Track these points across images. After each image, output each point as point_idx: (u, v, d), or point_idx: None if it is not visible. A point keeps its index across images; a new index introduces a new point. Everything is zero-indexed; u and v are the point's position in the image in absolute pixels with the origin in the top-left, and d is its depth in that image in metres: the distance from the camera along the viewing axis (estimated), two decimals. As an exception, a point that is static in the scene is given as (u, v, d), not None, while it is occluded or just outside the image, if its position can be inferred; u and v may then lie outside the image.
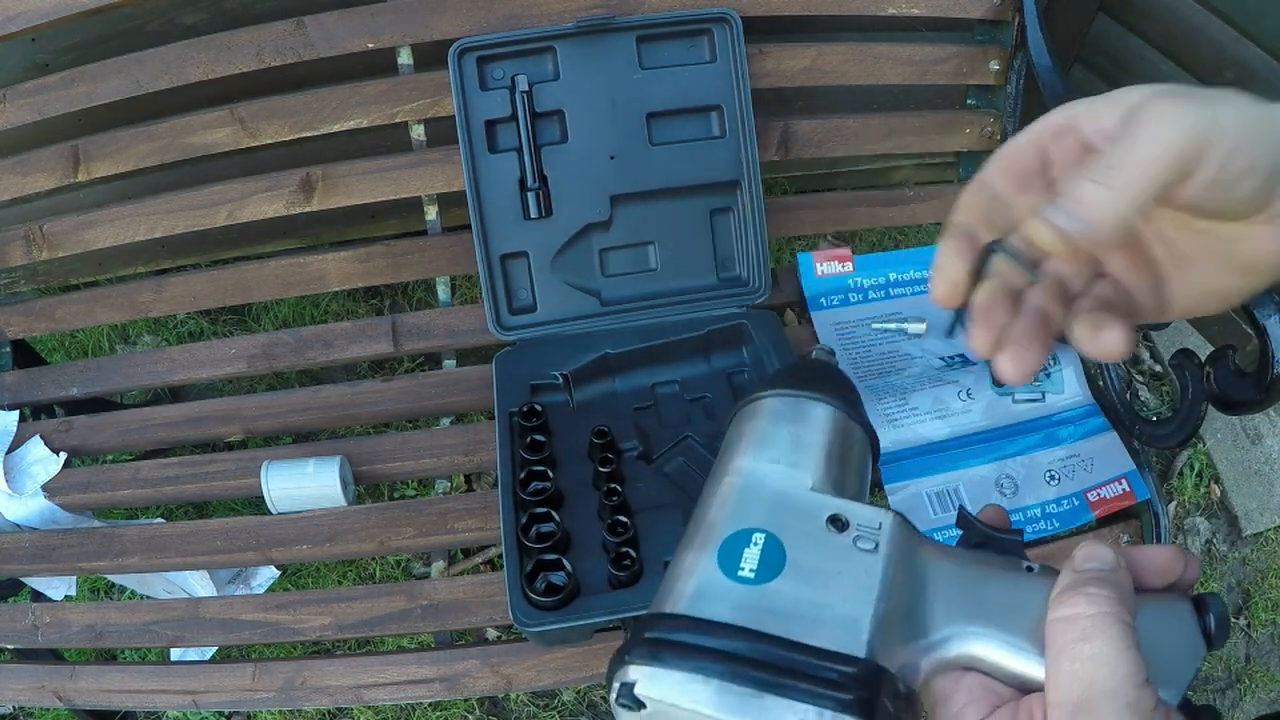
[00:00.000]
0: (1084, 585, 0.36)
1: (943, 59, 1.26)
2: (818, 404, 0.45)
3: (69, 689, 1.05)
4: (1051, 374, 1.14)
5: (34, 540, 1.14)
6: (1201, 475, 1.66)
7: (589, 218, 1.17)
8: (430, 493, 1.51)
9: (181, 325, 1.84)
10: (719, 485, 0.43)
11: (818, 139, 1.27)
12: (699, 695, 0.35)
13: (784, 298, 1.28)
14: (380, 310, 1.82)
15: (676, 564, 0.40)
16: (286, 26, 1.17)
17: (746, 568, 0.39)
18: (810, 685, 0.34)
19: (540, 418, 1.07)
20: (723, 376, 1.16)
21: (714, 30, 1.15)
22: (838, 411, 0.45)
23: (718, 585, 0.38)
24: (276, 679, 1.04)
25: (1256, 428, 1.59)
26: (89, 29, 1.39)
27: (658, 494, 1.02)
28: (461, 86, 1.12)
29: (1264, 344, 0.87)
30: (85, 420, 1.25)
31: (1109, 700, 0.33)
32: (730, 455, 0.45)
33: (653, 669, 0.36)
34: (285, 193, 1.22)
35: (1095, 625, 0.34)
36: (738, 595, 0.38)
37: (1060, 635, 0.35)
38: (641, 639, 0.37)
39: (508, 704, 1.50)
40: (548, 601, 0.90)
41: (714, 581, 0.38)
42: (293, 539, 1.10)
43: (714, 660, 0.35)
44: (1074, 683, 0.34)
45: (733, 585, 0.38)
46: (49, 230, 1.25)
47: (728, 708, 0.34)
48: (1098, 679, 0.33)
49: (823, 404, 0.45)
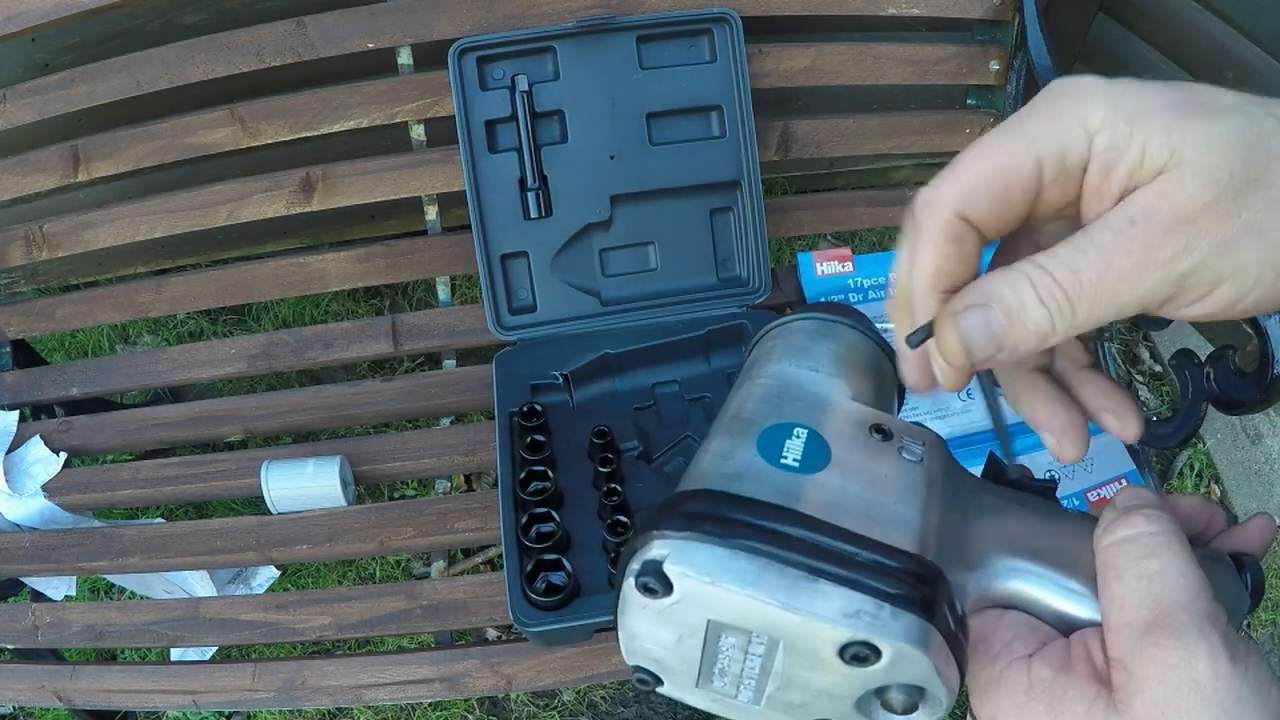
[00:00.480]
0: (1139, 509, 0.34)
1: (943, 59, 1.26)
2: (852, 330, 0.42)
3: (69, 689, 1.05)
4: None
5: (34, 540, 1.14)
6: (1201, 475, 1.66)
7: (589, 218, 1.17)
8: (430, 493, 1.51)
9: (181, 325, 1.84)
10: (752, 387, 0.39)
11: (818, 139, 1.27)
12: (743, 574, 0.30)
13: (784, 298, 1.28)
14: (380, 310, 1.82)
15: (704, 451, 0.35)
16: (286, 26, 1.17)
17: (790, 457, 0.34)
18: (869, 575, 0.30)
19: (540, 418, 1.07)
20: (723, 376, 1.16)
21: (714, 30, 1.15)
22: (870, 340, 0.42)
23: (759, 469, 0.33)
24: (276, 679, 1.04)
25: (1256, 428, 1.59)
26: (89, 29, 1.39)
27: (658, 494, 1.02)
28: (461, 86, 1.12)
29: (1264, 344, 0.87)
30: (85, 420, 1.25)
31: (1184, 613, 0.31)
32: (762, 364, 0.40)
33: (687, 542, 0.31)
34: (285, 193, 1.22)
35: (1159, 541, 0.33)
36: (781, 481, 0.33)
37: (1121, 555, 0.33)
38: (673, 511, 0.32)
39: (508, 704, 1.50)
40: (548, 601, 0.90)
41: (754, 465, 0.33)
42: (293, 539, 1.10)
43: (760, 539, 0.31)
44: (1143, 600, 0.31)
45: (776, 471, 0.33)
46: (49, 230, 1.25)
47: (776, 589, 0.30)
48: (1169, 593, 0.31)
49: (857, 330, 0.42)
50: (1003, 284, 0.32)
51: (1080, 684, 0.32)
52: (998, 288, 0.32)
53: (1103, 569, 0.34)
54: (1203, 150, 0.29)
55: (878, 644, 0.30)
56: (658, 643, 0.33)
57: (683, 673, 0.33)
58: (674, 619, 0.31)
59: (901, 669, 0.30)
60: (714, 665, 0.32)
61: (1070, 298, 0.31)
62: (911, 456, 0.36)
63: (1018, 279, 0.32)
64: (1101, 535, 0.34)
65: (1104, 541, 0.34)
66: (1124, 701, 0.31)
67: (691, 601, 0.31)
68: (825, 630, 0.30)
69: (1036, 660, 0.33)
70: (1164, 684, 0.30)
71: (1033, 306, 0.31)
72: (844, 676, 0.31)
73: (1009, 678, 0.33)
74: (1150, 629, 0.31)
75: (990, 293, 0.32)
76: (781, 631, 0.31)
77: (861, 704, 0.32)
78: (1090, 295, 0.31)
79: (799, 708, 0.33)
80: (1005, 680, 0.33)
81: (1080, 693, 0.32)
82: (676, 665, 0.33)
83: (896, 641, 0.30)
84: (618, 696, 1.50)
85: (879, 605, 0.30)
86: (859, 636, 0.30)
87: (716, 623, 0.31)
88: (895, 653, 0.30)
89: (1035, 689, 0.32)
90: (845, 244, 1.75)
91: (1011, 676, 0.33)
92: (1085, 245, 0.31)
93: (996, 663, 0.34)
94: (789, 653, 0.31)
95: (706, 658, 0.32)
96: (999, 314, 0.32)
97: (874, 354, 0.42)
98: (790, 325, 0.43)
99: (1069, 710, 0.32)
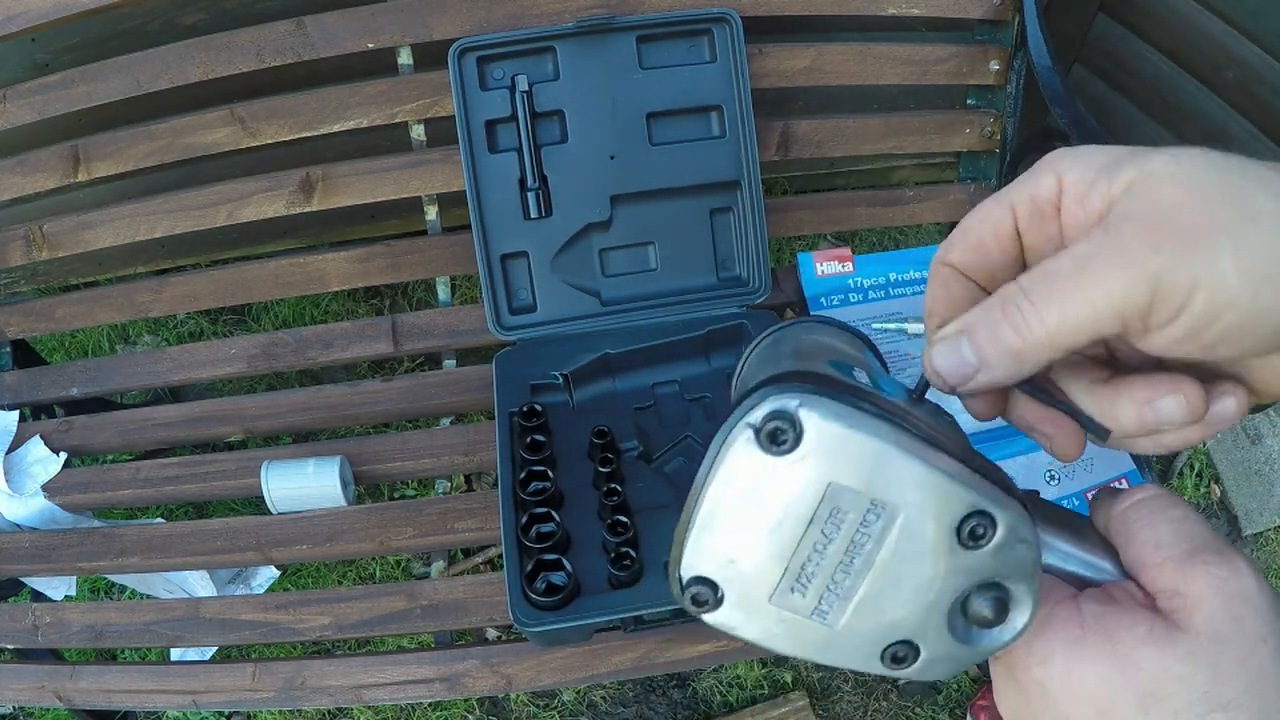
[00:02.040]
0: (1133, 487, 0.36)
1: (943, 59, 1.26)
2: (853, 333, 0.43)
3: (69, 689, 1.05)
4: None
5: (34, 540, 1.14)
6: (1201, 475, 1.66)
7: (589, 218, 1.17)
8: (430, 493, 1.51)
9: (181, 325, 1.84)
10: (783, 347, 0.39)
11: (818, 139, 1.27)
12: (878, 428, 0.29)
13: (784, 298, 1.28)
14: (380, 310, 1.82)
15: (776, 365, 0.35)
16: (286, 26, 1.17)
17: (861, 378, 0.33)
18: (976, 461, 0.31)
19: (540, 418, 1.07)
20: (723, 376, 1.16)
21: (714, 30, 1.15)
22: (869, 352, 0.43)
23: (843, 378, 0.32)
24: (276, 679, 1.04)
25: (1256, 428, 1.59)
26: (89, 29, 1.39)
27: (658, 494, 1.02)
28: (461, 86, 1.12)
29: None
30: (85, 420, 1.25)
31: (1218, 540, 0.33)
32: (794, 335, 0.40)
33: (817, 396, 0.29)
34: (285, 193, 1.22)
35: (1173, 498, 0.35)
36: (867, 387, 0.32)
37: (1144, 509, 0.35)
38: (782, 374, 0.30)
39: (508, 704, 1.50)
40: (548, 601, 0.90)
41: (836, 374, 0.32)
42: (293, 539, 1.10)
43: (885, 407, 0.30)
44: (1178, 536, 0.33)
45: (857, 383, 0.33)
46: (49, 230, 1.25)
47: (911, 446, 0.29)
48: (1200, 529, 0.33)
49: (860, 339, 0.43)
50: (975, 310, 0.33)
51: (1134, 612, 0.33)
52: (970, 315, 0.33)
53: (1127, 525, 0.35)
54: (1170, 161, 0.30)
55: (996, 515, 0.30)
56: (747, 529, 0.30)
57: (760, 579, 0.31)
58: (787, 484, 0.29)
59: (1006, 555, 0.30)
60: (805, 561, 0.30)
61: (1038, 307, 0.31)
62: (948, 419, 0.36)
63: (989, 303, 0.32)
64: (1114, 504, 0.36)
65: (1121, 506, 0.35)
66: (1184, 619, 0.32)
67: (820, 455, 0.29)
68: (957, 493, 0.30)
69: (1083, 598, 0.34)
70: (1220, 594, 0.31)
71: (1000, 325, 0.32)
72: (950, 562, 0.30)
73: (1059, 615, 0.33)
74: (1195, 553, 0.33)
75: (965, 322, 0.33)
76: (909, 496, 0.29)
77: (951, 615, 0.32)
78: (1059, 299, 0.30)
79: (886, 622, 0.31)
80: (1055, 618, 0.33)
81: (1135, 619, 0.32)
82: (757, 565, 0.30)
83: (1012, 514, 0.30)
84: (618, 696, 1.50)
85: (992, 484, 0.30)
86: (983, 504, 0.30)
87: (838, 488, 0.29)
88: (1009, 528, 0.30)
89: (1088, 622, 0.33)
90: (845, 244, 1.75)
91: (1061, 613, 0.33)
92: (1060, 254, 0.31)
93: (1044, 605, 0.33)
94: (904, 531, 0.30)
95: (802, 547, 0.30)
96: (967, 345, 0.32)
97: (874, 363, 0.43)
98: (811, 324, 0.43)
99: (1127, 636, 0.32)
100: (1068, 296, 0.30)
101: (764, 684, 1.50)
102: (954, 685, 1.49)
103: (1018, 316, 0.31)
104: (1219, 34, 1.34)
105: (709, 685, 1.51)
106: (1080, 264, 0.30)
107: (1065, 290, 0.30)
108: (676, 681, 1.52)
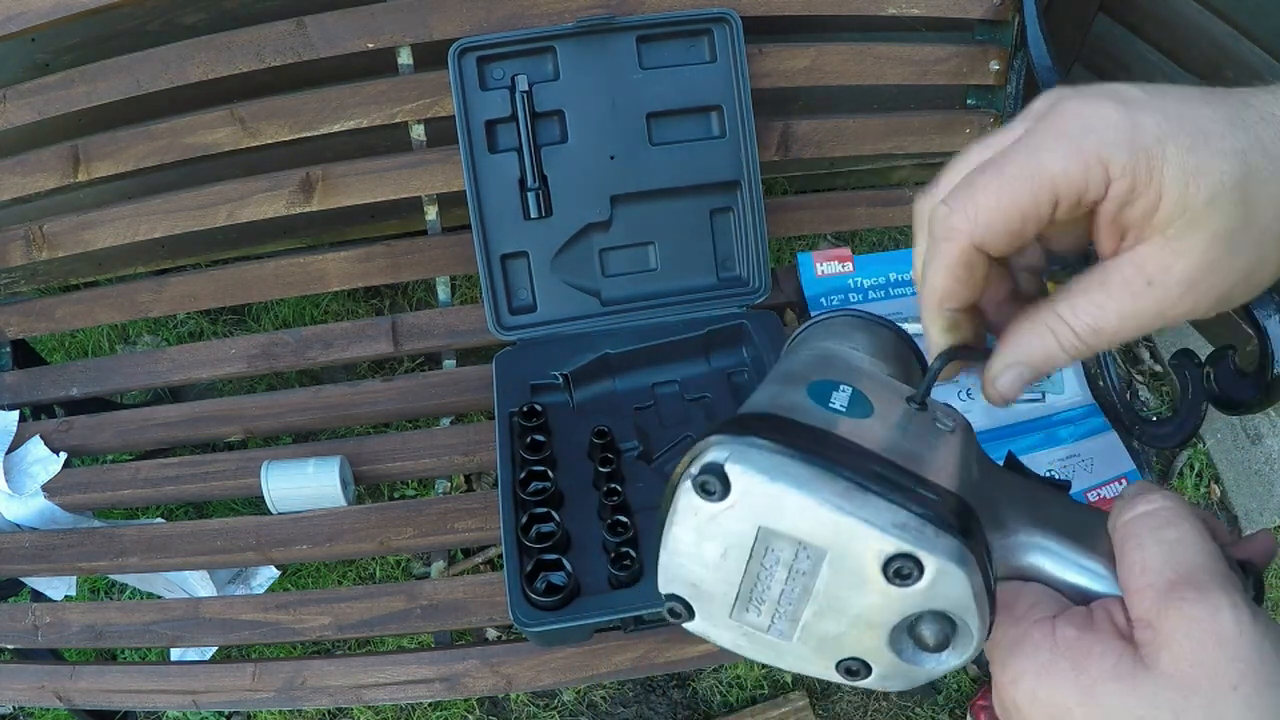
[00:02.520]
0: (1153, 489, 0.36)
1: (943, 59, 1.26)
2: (889, 330, 0.44)
3: (69, 689, 1.05)
4: (1052, 374, 1.14)
5: (34, 540, 1.14)
6: (1201, 475, 1.66)
7: (589, 218, 1.17)
8: (430, 493, 1.51)
9: (181, 325, 1.84)
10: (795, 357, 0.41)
11: (818, 139, 1.27)
12: (800, 476, 0.31)
13: (784, 298, 1.28)
14: (380, 310, 1.82)
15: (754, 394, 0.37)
16: (286, 26, 1.17)
17: (838, 403, 0.35)
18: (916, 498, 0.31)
19: (540, 418, 1.07)
20: (723, 376, 1.16)
21: (714, 30, 1.15)
22: (904, 343, 0.44)
23: (809, 407, 0.34)
24: (276, 679, 1.04)
25: (1256, 428, 1.59)
26: (89, 29, 1.39)
27: (658, 494, 1.02)
28: (461, 86, 1.12)
29: (1264, 344, 0.87)
30: (85, 420, 1.25)
31: (1206, 573, 0.32)
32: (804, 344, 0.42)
33: (747, 446, 0.31)
34: (285, 193, 1.22)
35: (1176, 514, 0.34)
36: (829, 417, 0.34)
37: (1141, 526, 0.34)
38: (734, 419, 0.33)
39: (508, 704, 1.50)
40: (548, 601, 0.90)
41: (805, 404, 0.35)
42: (293, 539, 1.10)
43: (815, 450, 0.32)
44: (1165, 562, 0.33)
45: (825, 410, 0.34)
46: (49, 230, 1.25)
47: (828, 497, 0.31)
48: (1190, 555, 0.33)
49: (894, 332, 0.44)
50: (1032, 340, 0.36)
51: (1105, 641, 0.33)
52: (1029, 347, 0.37)
53: (1122, 541, 0.34)
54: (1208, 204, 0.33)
55: (921, 557, 0.30)
56: (700, 561, 0.33)
57: (718, 599, 0.33)
58: (725, 526, 0.32)
59: (940, 591, 0.31)
60: (753, 587, 0.33)
61: (1088, 346, 0.35)
62: (945, 427, 0.37)
63: (1044, 334, 0.36)
64: (1119, 513, 0.35)
65: (1123, 517, 0.35)
66: (1150, 656, 0.31)
67: (747, 504, 0.31)
68: (874, 538, 0.31)
69: (1060, 620, 0.34)
70: (1190, 636, 0.31)
71: (1057, 355, 0.36)
72: (883, 598, 0.31)
73: (1033, 637, 0.33)
74: (1174, 586, 0.32)
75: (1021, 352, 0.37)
76: (831, 540, 0.31)
77: (895, 638, 0.33)
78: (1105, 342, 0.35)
79: (833, 640, 0.33)
80: (1029, 640, 0.34)
81: (1106, 649, 0.32)
82: (714, 589, 0.33)
83: (939, 557, 0.30)
84: (618, 696, 1.50)
85: (923, 522, 0.31)
86: (904, 548, 0.30)
87: (767, 530, 0.31)
88: (937, 569, 0.30)
89: (1060, 647, 0.33)
90: (845, 244, 1.75)
91: (1036, 636, 0.33)
92: (1105, 303, 0.35)
93: (1020, 624, 0.34)
94: (833, 568, 0.31)
95: (748, 577, 0.33)
96: (1029, 369, 0.37)
97: (905, 353, 0.44)
98: (833, 318, 0.44)
99: (1095, 665, 0.32)
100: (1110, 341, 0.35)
101: (764, 684, 1.50)
102: (954, 685, 1.49)
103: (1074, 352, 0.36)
104: (1219, 34, 1.34)
105: (709, 685, 1.51)
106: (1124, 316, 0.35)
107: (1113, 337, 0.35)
108: (676, 681, 1.52)
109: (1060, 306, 0.36)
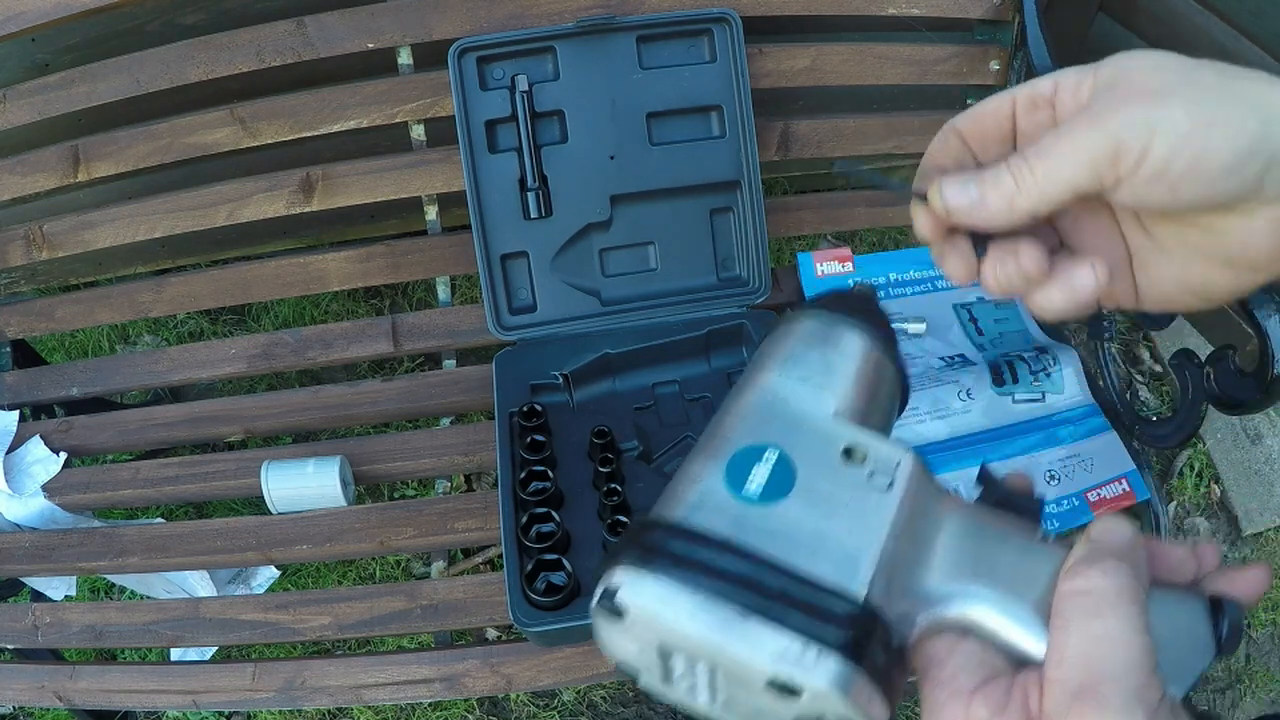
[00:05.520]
0: (1100, 558, 0.34)
1: (943, 59, 1.26)
2: (854, 332, 0.43)
3: (69, 689, 1.05)
4: (1052, 374, 1.14)
5: (34, 540, 1.14)
6: (1201, 475, 1.66)
7: (589, 218, 1.17)
8: (430, 493, 1.51)
9: (181, 325, 1.84)
10: (739, 397, 0.41)
11: (818, 139, 1.27)
12: (681, 609, 0.33)
13: (784, 298, 1.28)
14: (380, 310, 1.82)
15: (684, 469, 0.39)
16: (286, 26, 1.17)
17: (753, 485, 0.37)
18: (800, 616, 0.33)
19: (540, 418, 1.07)
20: (723, 376, 1.16)
21: (714, 30, 1.15)
22: (872, 344, 0.43)
23: (720, 499, 0.36)
24: (276, 679, 1.04)
25: (1256, 428, 1.59)
26: (89, 29, 1.39)
27: (657, 494, 1.02)
28: (461, 86, 1.12)
29: (1264, 344, 0.87)
30: (85, 420, 1.25)
31: (1115, 685, 0.31)
32: (756, 369, 0.42)
33: (639, 576, 0.34)
34: (285, 193, 1.22)
35: (1108, 601, 0.33)
36: (739, 512, 0.36)
37: (1070, 608, 0.33)
38: (634, 543, 0.35)
39: (508, 704, 1.50)
40: (548, 601, 0.90)
41: (717, 494, 0.37)
42: (293, 539, 1.10)
43: (703, 574, 0.34)
44: (1079, 661, 0.32)
45: (735, 502, 0.36)
46: (49, 230, 1.25)
47: (708, 625, 0.33)
48: (1106, 660, 0.31)
49: (859, 333, 0.43)
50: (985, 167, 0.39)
51: None
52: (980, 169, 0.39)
53: (1055, 614, 0.34)
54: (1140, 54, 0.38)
55: (798, 685, 0.32)
56: (624, 652, 0.36)
57: (650, 674, 0.37)
58: (631, 637, 0.35)
59: (823, 706, 0.32)
60: (671, 675, 0.36)
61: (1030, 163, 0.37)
62: (881, 483, 0.37)
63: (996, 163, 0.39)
64: (1061, 579, 0.35)
65: (1061, 588, 0.34)
66: None
67: (642, 627, 0.34)
68: (754, 664, 0.33)
69: (976, 698, 0.34)
70: None
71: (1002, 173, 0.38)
72: (775, 704, 0.33)
73: (949, 711, 0.34)
74: (1080, 694, 0.31)
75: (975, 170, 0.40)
76: (718, 660, 0.33)
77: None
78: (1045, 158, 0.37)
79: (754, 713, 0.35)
80: (945, 713, 0.34)
81: None
82: (641, 669, 0.37)
83: (818, 684, 0.32)
84: (618, 696, 1.50)
85: (806, 646, 0.32)
86: (780, 677, 0.32)
87: (665, 645, 0.34)
88: (815, 694, 0.32)
89: None
90: (845, 244, 1.75)
91: (951, 710, 0.34)
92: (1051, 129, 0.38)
93: (941, 691, 0.35)
94: (728, 678, 0.34)
95: (664, 669, 0.36)
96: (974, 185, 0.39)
97: (873, 359, 0.43)
98: (792, 326, 0.44)
99: None
100: (1050, 155, 0.37)
101: (764, 684, 1.50)
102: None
103: (1018, 168, 0.38)
104: (1219, 34, 1.34)
105: (709, 685, 1.51)
106: (1062, 132, 0.37)
107: (1049, 151, 0.37)
108: (676, 681, 1.52)
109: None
